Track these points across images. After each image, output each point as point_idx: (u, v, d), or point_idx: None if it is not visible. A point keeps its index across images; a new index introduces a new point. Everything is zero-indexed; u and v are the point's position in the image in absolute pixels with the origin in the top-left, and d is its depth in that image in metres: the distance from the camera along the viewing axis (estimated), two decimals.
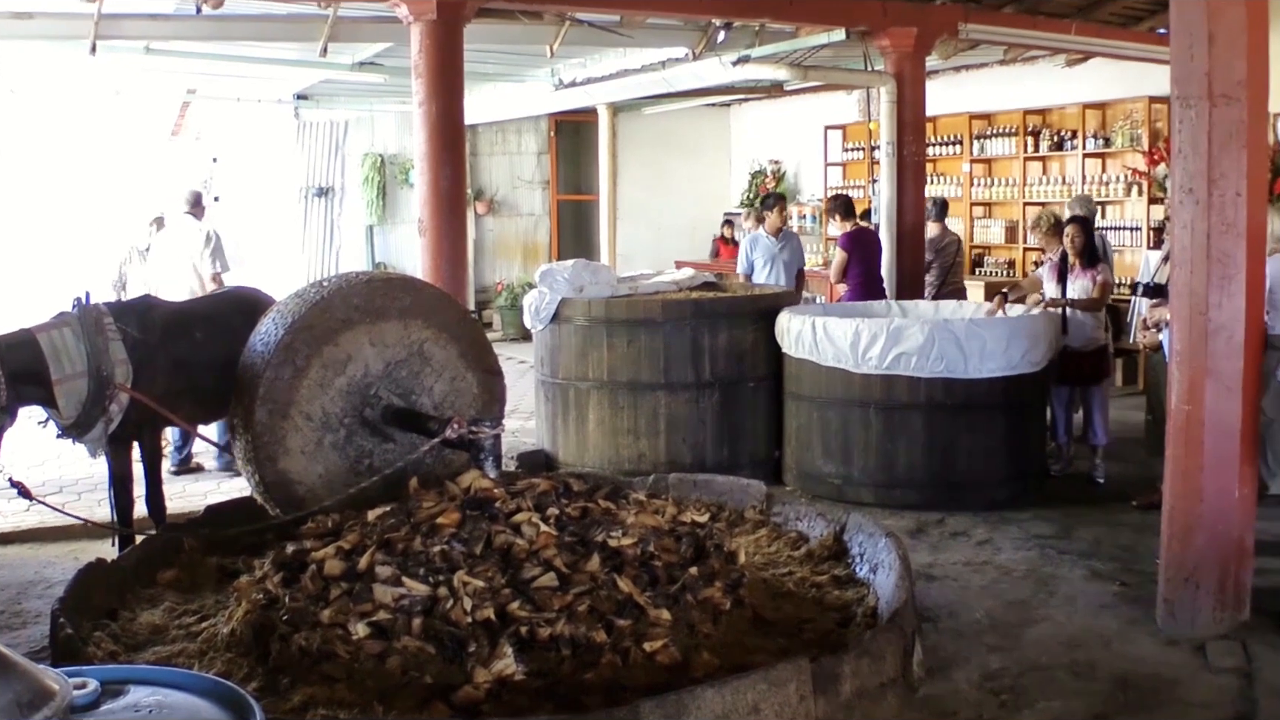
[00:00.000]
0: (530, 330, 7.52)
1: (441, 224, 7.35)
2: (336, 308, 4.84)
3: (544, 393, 7.37)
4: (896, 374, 6.42)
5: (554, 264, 7.55)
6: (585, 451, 7.12)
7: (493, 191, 15.43)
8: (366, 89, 12.38)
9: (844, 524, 4.82)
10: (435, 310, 5.15)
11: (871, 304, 8.07)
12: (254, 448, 4.69)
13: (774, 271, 9.03)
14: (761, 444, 7.13)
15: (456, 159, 7.37)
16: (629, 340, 6.94)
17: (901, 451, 6.50)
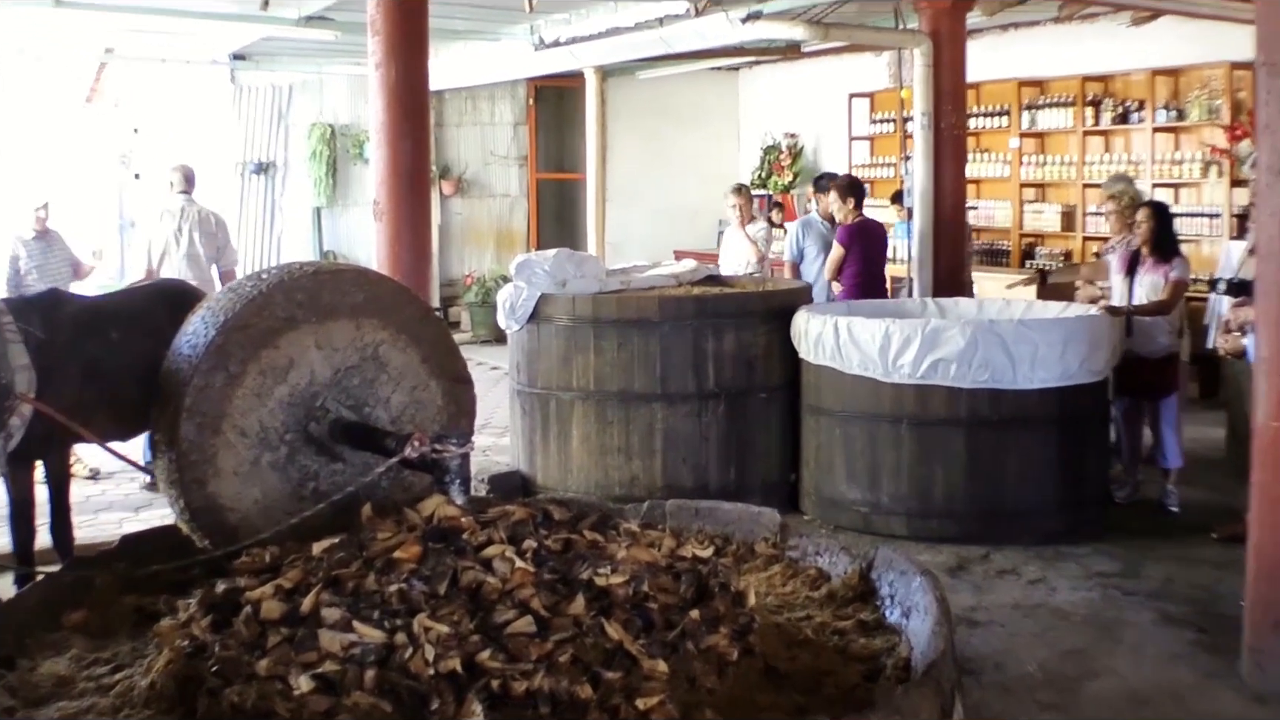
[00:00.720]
0: (505, 331, 7.51)
1: (401, 206, 7.34)
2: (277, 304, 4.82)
3: (520, 405, 7.37)
4: (933, 384, 6.42)
5: (532, 254, 7.55)
6: (568, 474, 7.11)
7: (461, 169, 15.44)
8: (314, 48, 12.37)
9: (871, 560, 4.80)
10: (393, 308, 5.13)
11: (904, 301, 8.09)
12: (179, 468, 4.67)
13: (825, 262, 9.19)
14: (774, 465, 7.13)
15: (419, 130, 7.36)
16: (620, 343, 6.93)
17: (939, 475, 6.50)
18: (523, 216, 15.84)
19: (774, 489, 7.08)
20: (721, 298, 7.24)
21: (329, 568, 4.09)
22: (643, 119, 16.10)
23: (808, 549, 5.19)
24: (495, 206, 15.68)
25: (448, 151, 15.33)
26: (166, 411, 4.70)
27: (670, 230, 15.99)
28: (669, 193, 16.30)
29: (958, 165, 9.50)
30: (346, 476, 4.90)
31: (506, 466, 7.61)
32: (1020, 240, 12.77)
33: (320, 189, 14.41)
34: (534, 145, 15.87)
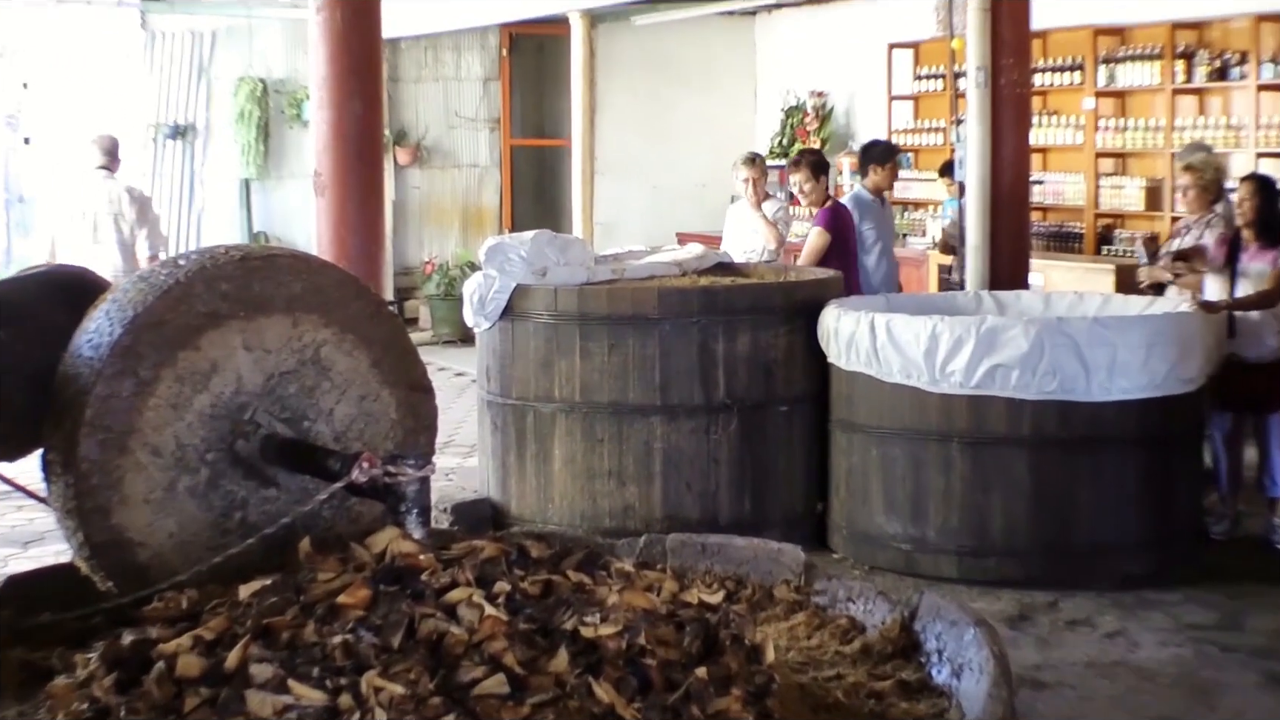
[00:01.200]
0: (472, 330, 7.52)
1: (348, 179, 7.36)
2: (198, 296, 4.82)
3: (491, 419, 7.38)
4: (990, 394, 6.44)
5: (506, 237, 7.56)
6: (549, 502, 7.13)
7: (420, 134, 15.46)
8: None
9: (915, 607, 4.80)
10: (338, 301, 5.14)
11: (954, 295, 8.10)
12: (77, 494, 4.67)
13: (884, 249, 9.36)
14: (798, 493, 7.15)
15: (370, 88, 7.38)
16: (611, 345, 6.95)
17: (996, 505, 6.51)
18: (494, 191, 15.85)
19: (797, 521, 7.10)
20: (734, 290, 7.25)
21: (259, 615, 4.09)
22: (639, 74, 16.12)
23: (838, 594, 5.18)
24: (461, 179, 15.69)
25: (404, 113, 15.35)
26: (63, 426, 4.69)
27: (672, 209, 16.01)
28: (671, 164, 16.32)
29: (1020, 131, 9.51)
30: (281, 505, 4.90)
31: (474, 493, 7.62)
32: (1095, 221, 12.80)
33: (249, 157, 14.41)
34: (508, 106, 15.89)
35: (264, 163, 14.48)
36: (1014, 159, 9.46)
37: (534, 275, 7.18)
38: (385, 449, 5.02)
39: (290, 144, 14.51)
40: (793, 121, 16.10)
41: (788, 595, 5.16)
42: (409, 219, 15.37)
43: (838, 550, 7.02)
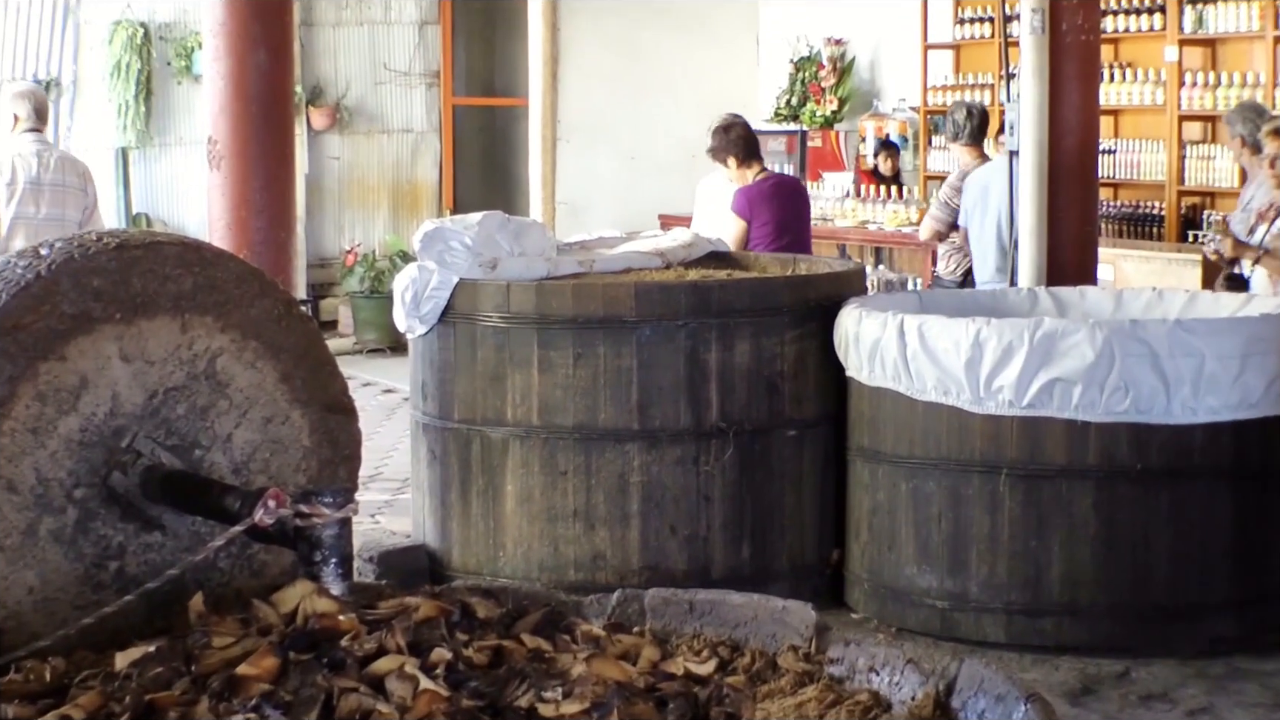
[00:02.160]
0: (404, 336, 7.53)
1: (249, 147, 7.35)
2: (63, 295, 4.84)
3: (427, 446, 7.38)
4: (1047, 416, 6.46)
5: (447, 219, 7.56)
6: (499, 550, 7.13)
7: (340, 91, 15.45)
8: None
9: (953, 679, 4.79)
10: (237, 300, 5.15)
11: (1003, 292, 8.13)
12: None
13: (988, 227, 9.63)
14: (809, 537, 7.19)
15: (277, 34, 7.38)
16: (578, 354, 6.96)
17: (1055, 552, 6.53)
18: (432, 163, 15.85)
19: (807, 573, 7.13)
20: (730, 286, 7.27)
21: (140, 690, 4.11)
22: (612, 17, 16.13)
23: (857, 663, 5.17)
24: (391, 148, 15.69)
25: (320, 65, 15.34)
26: None
27: (654, 185, 15.99)
28: (651, 129, 16.33)
29: (1086, 88, 9.55)
30: (167, 553, 4.90)
31: (406, 539, 7.62)
32: (1179, 201, 12.86)
33: (127, 120, 14.38)
34: (449, 57, 15.90)
35: (145, 127, 14.46)
36: (1079, 123, 9.49)
37: (481, 268, 7.17)
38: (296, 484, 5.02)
39: (178, 104, 14.50)
40: (804, 76, 16.16)
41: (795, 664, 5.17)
42: (326, 198, 15.37)
43: (858, 608, 7.04)
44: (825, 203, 14.77)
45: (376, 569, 7.23)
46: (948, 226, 10.63)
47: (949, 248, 10.75)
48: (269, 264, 6.99)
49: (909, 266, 13.53)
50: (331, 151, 15.42)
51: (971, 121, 10.68)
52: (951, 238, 10.64)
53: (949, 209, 10.60)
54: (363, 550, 7.15)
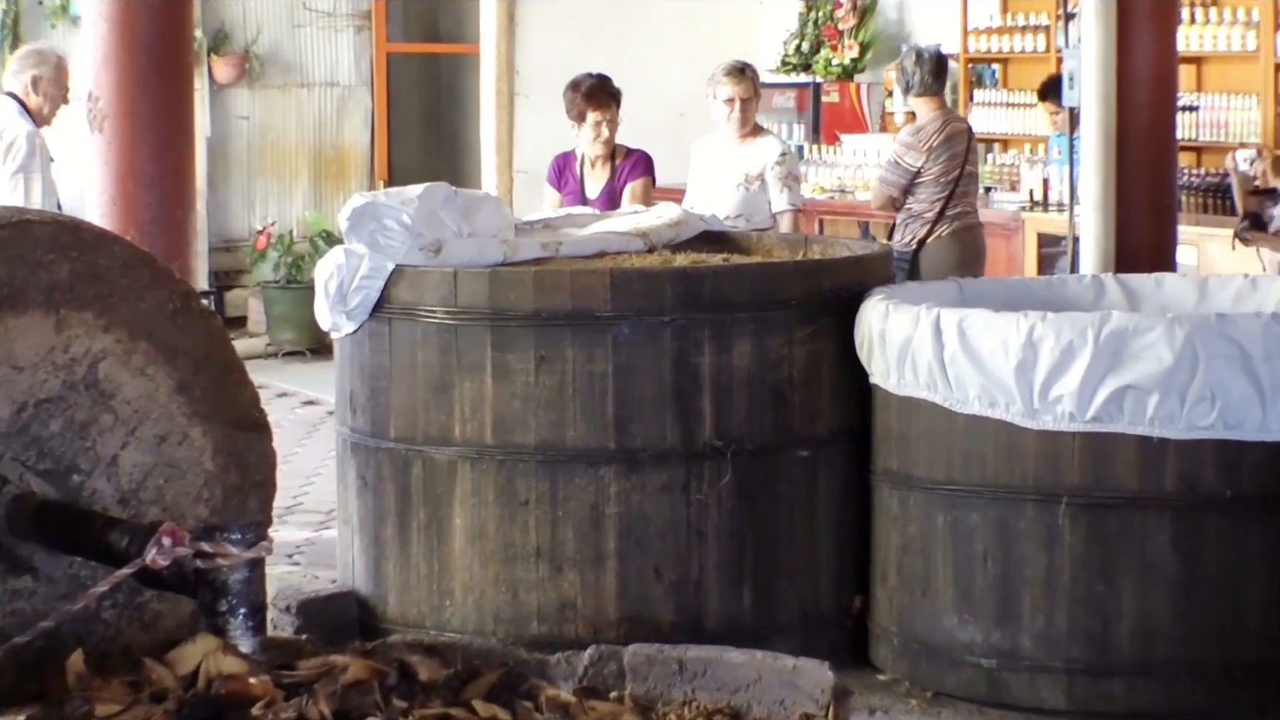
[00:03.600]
0: (329, 335, 7.56)
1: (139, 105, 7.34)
2: None
3: (357, 470, 7.39)
4: (1116, 431, 6.46)
5: (381, 193, 7.56)
6: (446, 596, 7.12)
7: (250, 37, 15.42)
8: None
9: None
10: (124, 292, 5.18)
11: (1061, 280, 8.13)
12: None
13: None
14: (824, 581, 7.19)
15: None
16: (541, 358, 6.96)
17: (1127, 598, 6.53)
18: (362, 123, 15.81)
19: (823, 624, 7.13)
20: (728, 273, 7.29)
21: None
22: None
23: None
24: (312, 105, 15.65)
25: (225, 6, 15.33)
26: None
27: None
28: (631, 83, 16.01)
29: (1162, 31, 9.58)
30: (39, 601, 4.91)
31: (332, 584, 7.62)
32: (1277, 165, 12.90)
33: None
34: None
35: None
36: (1153, 74, 9.52)
37: (423, 252, 7.15)
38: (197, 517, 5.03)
39: None
40: (817, 17, 16.18)
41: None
42: (232, 166, 15.34)
43: (885, 668, 7.03)
44: (843, 171, 14.78)
45: (295, 621, 7.20)
46: (902, 192, 10.67)
47: (905, 216, 10.78)
48: (163, 247, 6.97)
49: None
50: (239, 110, 15.38)
51: (923, 68, 10.69)
52: (907, 204, 10.68)
53: (903, 170, 10.64)
54: (278, 598, 7.13)
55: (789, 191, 9.99)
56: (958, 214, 10.62)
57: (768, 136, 10.37)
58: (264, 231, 14.97)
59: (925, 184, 10.57)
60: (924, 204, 10.58)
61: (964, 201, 10.74)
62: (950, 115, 11.09)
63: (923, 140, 10.59)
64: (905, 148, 10.69)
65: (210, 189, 14.60)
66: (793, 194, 10.04)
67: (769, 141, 10.21)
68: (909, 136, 10.80)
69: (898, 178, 10.68)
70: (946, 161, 10.53)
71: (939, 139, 10.57)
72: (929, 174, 10.54)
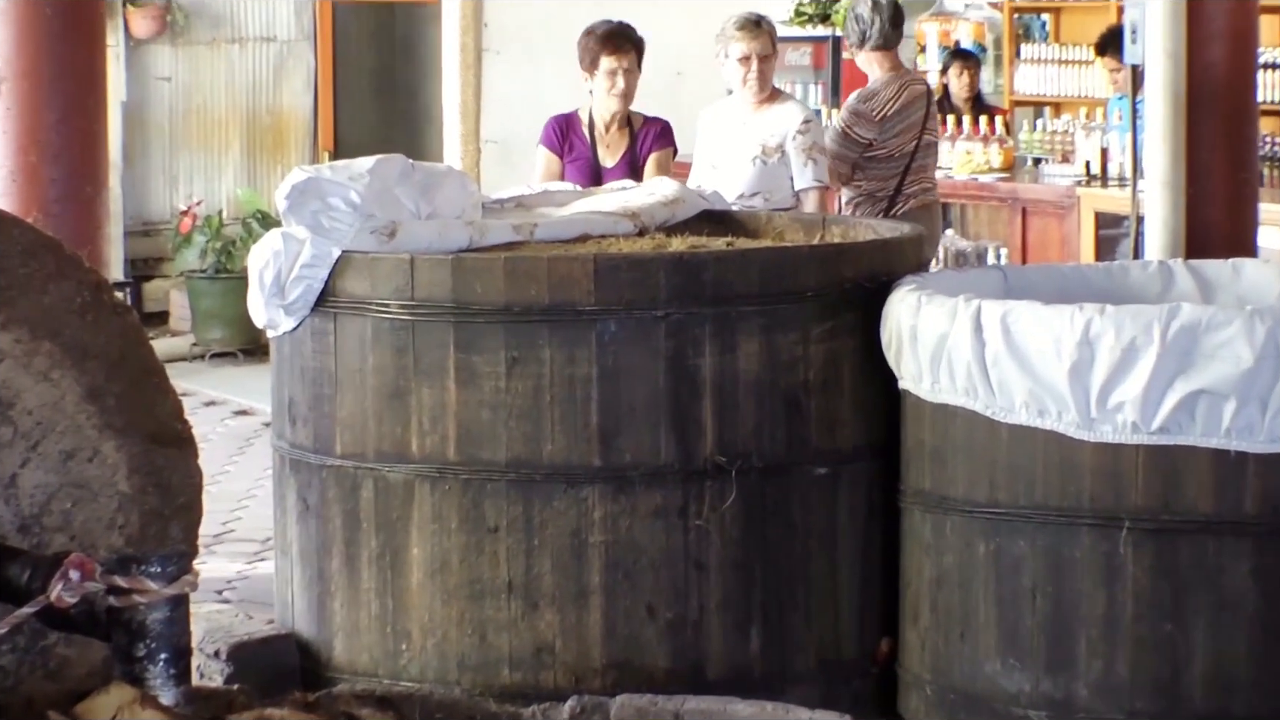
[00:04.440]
0: (265, 333, 7.52)
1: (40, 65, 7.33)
2: None
3: (298, 492, 7.39)
4: (1187, 444, 6.46)
5: (326, 166, 7.55)
6: (403, 640, 7.13)
7: None
8: None
9: None
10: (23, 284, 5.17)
11: (1122, 267, 8.12)
12: None
13: None
14: (845, 620, 7.21)
15: None
16: (513, 360, 6.95)
17: (1200, 639, 6.54)
18: (303, 85, 15.85)
19: (844, 671, 7.13)
20: (733, 260, 7.28)
21: None
22: None
23: None
24: (245, 64, 15.69)
25: None
26: None
27: None
28: None
29: None
30: None
31: (269, 625, 7.61)
32: None
33: None
34: None
35: None
36: (1229, 26, 9.52)
37: (375, 235, 7.15)
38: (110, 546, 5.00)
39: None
40: None
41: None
42: (152, 136, 15.37)
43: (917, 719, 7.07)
44: None
45: (226, 668, 7.22)
46: (851, 167, 10.65)
47: (854, 194, 10.75)
48: (70, 231, 6.99)
49: (990, 231, 13.57)
50: (159, 70, 15.40)
51: (881, 16, 10.67)
52: (856, 181, 10.65)
53: (852, 143, 10.61)
54: (206, 641, 7.15)
55: (814, 165, 9.94)
56: (914, 192, 10.68)
57: (788, 102, 10.35)
58: (188, 212, 14.97)
59: (878, 160, 10.62)
60: (876, 182, 10.62)
61: (922, 177, 10.80)
62: (907, 76, 11.12)
63: (876, 109, 10.62)
64: (856, 117, 10.68)
65: (126, 162, 14.64)
66: (818, 168, 9.97)
67: (790, 107, 10.19)
68: (860, 104, 10.80)
69: (851, 150, 10.64)
70: (902, 133, 10.61)
71: (894, 107, 10.62)
72: (882, 148, 10.59)
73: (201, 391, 12.37)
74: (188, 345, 14.31)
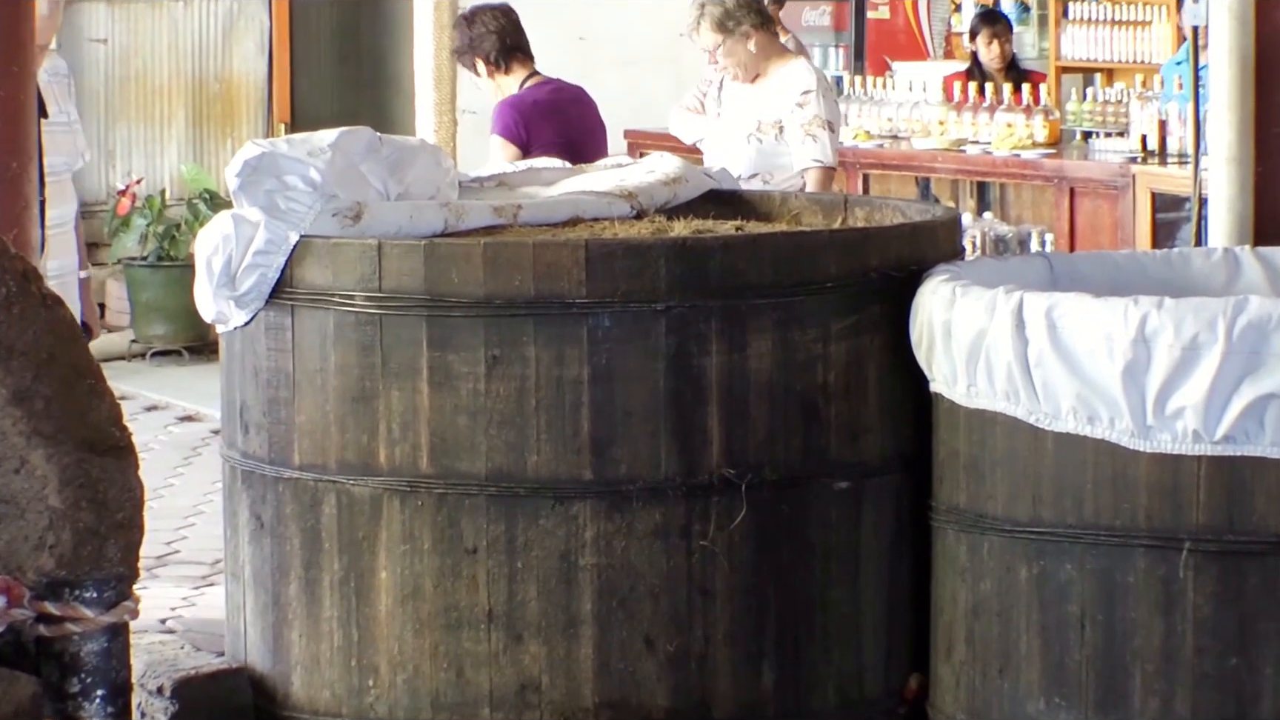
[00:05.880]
0: (214, 329, 7.53)
1: None
2: None
3: (250, 508, 7.41)
4: (1256, 456, 6.46)
5: (283, 140, 7.58)
6: (370, 675, 7.14)
7: None
8: None
9: None
10: None
11: (1183, 254, 8.14)
12: None
13: None
14: (869, 653, 7.22)
15: None
16: (494, 359, 6.96)
17: (1270, 674, 6.54)
18: (256, 49, 15.88)
19: (869, 710, 7.16)
20: (742, 246, 7.29)
21: None
22: None
23: None
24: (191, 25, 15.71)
25: None
26: None
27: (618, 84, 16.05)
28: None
29: None
30: None
31: (218, 658, 7.64)
32: None
33: None
34: None
35: None
36: None
37: (337, 218, 7.17)
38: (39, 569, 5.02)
39: None
40: None
41: None
42: (86, 105, 15.31)
43: None
44: (895, 111, 14.79)
45: (171, 706, 7.23)
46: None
47: None
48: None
49: (1034, 214, 13.57)
50: (93, 30, 15.42)
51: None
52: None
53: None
54: (148, 676, 7.17)
55: (813, 141, 9.94)
56: None
57: (792, 62, 10.31)
58: (127, 192, 14.99)
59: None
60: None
61: None
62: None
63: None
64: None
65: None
66: (820, 144, 9.97)
67: (793, 69, 10.17)
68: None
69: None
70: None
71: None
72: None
73: (142, 394, 12.39)
74: (126, 342, 14.34)
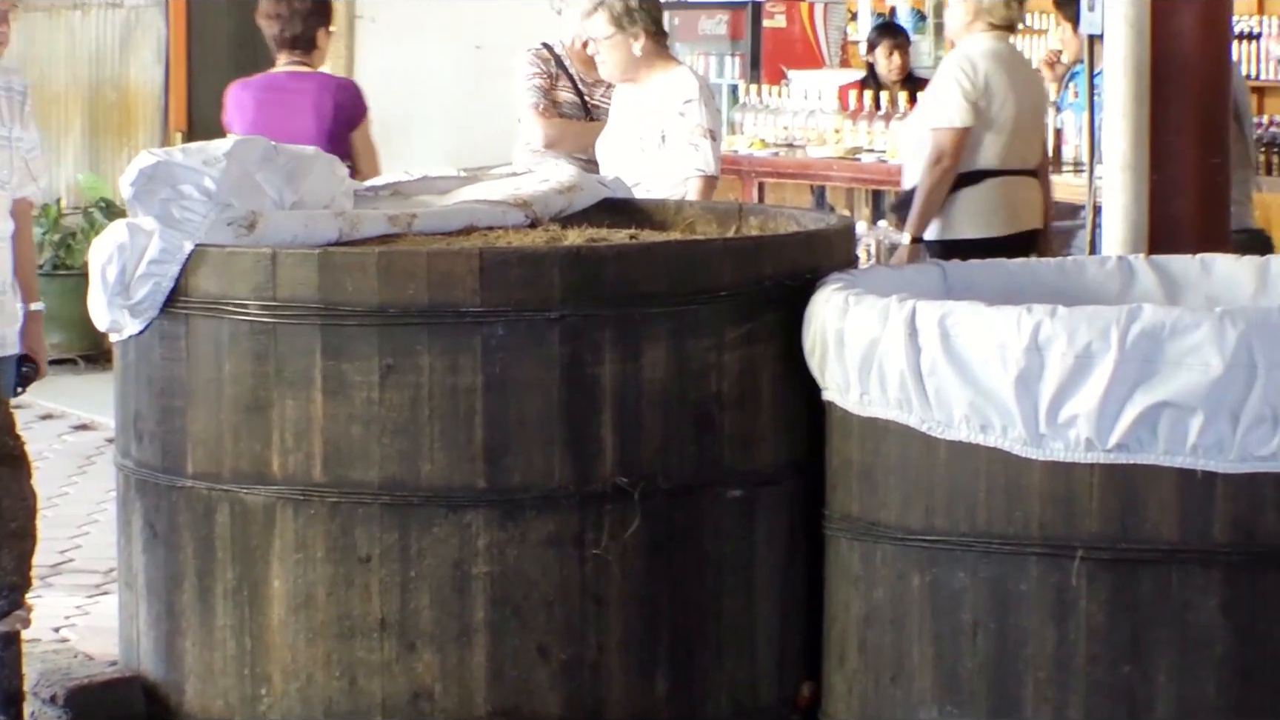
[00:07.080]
0: (108, 338, 7.52)
1: None
2: None
3: (144, 517, 7.39)
4: (1149, 464, 6.48)
5: (179, 149, 7.54)
6: (263, 684, 7.13)
7: None
8: None
9: None
10: None
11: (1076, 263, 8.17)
12: None
13: None
14: (762, 662, 7.24)
15: None
16: (388, 367, 6.95)
17: (1163, 683, 6.56)
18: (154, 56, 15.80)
19: (761, 718, 7.18)
20: (637, 254, 7.29)
21: None
22: None
23: None
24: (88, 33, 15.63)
25: None
26: None
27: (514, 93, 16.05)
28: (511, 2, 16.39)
29: None
30: None
31: (112, 667, 7.61)
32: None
33: None
34: None
35: None
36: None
37: (232, 227, 7.13)
38: None
39: None
40: None
41: None
42: None
43: None
44: (791, 119, 14.79)
45: (63, 714, 7.22)
46: None
47: None
48: None
49: None
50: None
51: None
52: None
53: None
54: (40, 685, 7.15)
55: (695, 150, 9.95)
56: None
57: (674, 70, 10.32)
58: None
59: None
60: None
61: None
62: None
63: None
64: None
65: None
66: (702, 153, 9.98)
67: (675, 77, 10.17)
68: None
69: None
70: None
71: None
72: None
73: (36, 403, 12.31)
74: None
